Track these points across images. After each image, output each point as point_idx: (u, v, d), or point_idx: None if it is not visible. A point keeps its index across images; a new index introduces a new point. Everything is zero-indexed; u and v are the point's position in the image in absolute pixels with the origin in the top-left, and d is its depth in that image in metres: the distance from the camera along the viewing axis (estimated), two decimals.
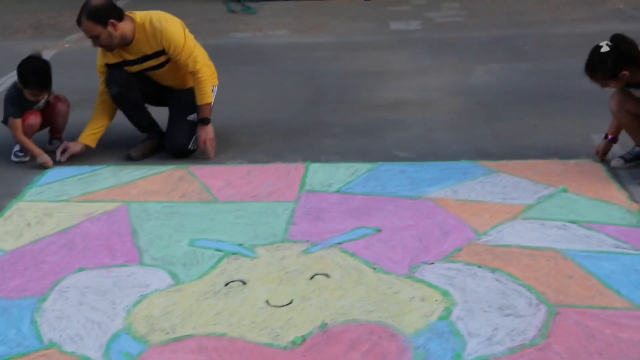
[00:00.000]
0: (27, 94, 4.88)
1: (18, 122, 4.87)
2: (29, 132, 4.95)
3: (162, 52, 4.94)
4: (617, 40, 4.19)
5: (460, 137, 5.29)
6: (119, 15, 4.79)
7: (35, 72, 4.87)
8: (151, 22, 4.88)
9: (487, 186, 4.40)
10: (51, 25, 9.51)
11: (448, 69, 7.17)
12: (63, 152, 4.90)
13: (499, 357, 2.84)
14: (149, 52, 4.94)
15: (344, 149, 5.13)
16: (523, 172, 4.58)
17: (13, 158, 4.98)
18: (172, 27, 4.90)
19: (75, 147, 4.94)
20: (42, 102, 5.05)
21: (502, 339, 2.94)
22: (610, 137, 4.55)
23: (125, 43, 4.88)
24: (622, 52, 4.13)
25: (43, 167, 4.80)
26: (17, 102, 4.92)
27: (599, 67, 4.20)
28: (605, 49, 4.16)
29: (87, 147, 4.98)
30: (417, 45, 8.25)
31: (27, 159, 4.93)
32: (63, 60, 7.86)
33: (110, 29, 4.74)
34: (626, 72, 4.11)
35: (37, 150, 4.89)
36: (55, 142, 5.13)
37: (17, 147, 4.97)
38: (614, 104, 4.43)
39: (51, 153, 4.94)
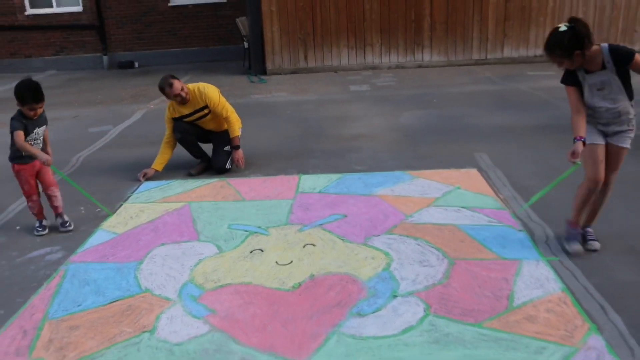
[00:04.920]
0: (26, 111, 3.71)
1: (21, 133, 3.69)
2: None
3: (206, 107, 4.98)
4: (574, 21, 2.99)
5: (395, 157, 5.33)
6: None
7: (27, 89, 3.68)
8: (199, 89, 4.95)
9: (412, 186, 4.45)
10: (142, 94, 9.50)
11: (386, 114, 7.20)
12: (143, 176, 4.91)
13: (420, 291, 2.91)
14: (198, 107, 4.97)
15: (323, 165, 5.15)
16: (433, 177, 4.63)
17: (35, 233, 3.92)
18: (211, 91, 4.97)
19: (150, 171, 4.96)
20: (40, 131, 3.84)
21: (421, 280, 3.02)
22: (579, 137, 3.04)
23: (184, 102, 4.94)
24: (577, 32, 2.94)
25: (47, 164, 3.75)
26: (18, 118, 3.73)
27: (557, 45, 2.98)
28: (563, 28, 2.98)
29: (156, 170, 5.00)
30: (367, 99, 8.28)
31: (46, 232, 3.93)
32: (149, 115, 7.88)
33: (183, 87, 4.87)
34: (579, 52, 2.95)
35: (38, 152, 3.75)
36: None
37: (37, 224, 3.96)
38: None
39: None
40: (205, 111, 5.01)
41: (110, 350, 2.56)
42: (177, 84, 4.83)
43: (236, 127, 5.05)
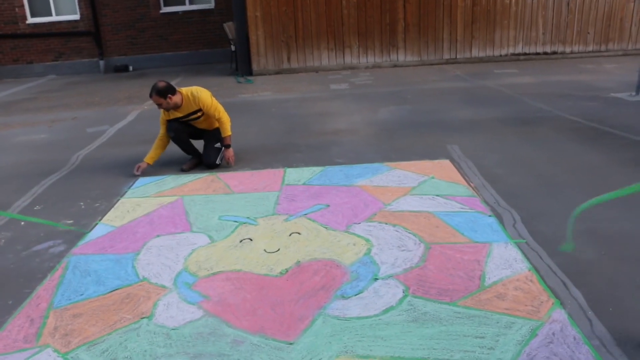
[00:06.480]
0: None
1: None
2: None
3: (199, 110, 4.89)
4: None
5: (373, 149, 5.29)
6: (173, 91, 4.73)
7: None
8: (192, 93, 4.84)
9: (389, 177, 4.42)
10: (137, 96, 9.37)
11: (365, 110, 7.16)
12: (138, 169, 4.84)
13: (399, 274, 2.89)
14: (191, 110, 4.88)
15: (307, 159, 5.09)
16: (409, 168, 4.60)
17: None
18: (203, 94, 4.86)
19: (142, 165, 4.87)
20: None
21: (400, 264, 2.99)
22: None
23: (177, 107, 4.83)
24: None
25: None
26: None
27: None
28: None
29: (148, 164, 4.90)
30: (346, 97, 8.23)
31: None
32: (143, 115, 7.74)
33: (168, 100, 4.70)
34: None
35: None
36: None
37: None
38: None
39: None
40: (199, 114, 4.92)
41: (111, 335, 2.52)
42: (155, 99, 4.69)
43: (228, 127, 4.98)
